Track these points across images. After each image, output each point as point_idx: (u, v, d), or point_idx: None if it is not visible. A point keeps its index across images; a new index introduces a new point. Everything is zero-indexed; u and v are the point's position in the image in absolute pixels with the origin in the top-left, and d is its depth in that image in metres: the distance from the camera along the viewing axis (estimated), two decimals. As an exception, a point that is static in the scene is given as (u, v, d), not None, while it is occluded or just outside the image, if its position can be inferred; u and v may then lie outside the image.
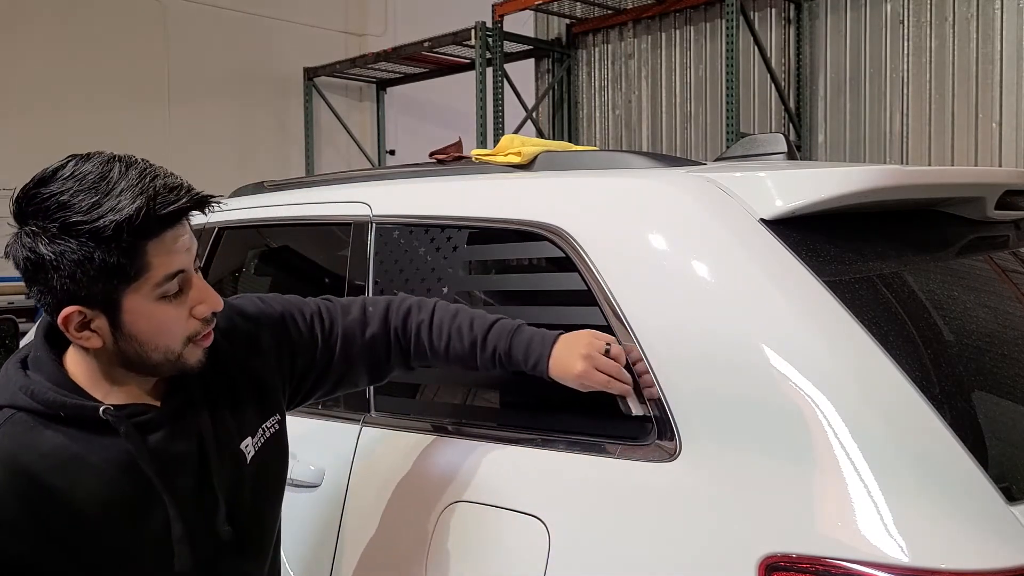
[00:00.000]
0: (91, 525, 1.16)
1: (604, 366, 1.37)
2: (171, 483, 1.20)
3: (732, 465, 1.26)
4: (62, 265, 1.10)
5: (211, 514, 1.25)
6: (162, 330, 1.18)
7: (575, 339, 1.40)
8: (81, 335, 1.15)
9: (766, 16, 5.78)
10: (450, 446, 1.62)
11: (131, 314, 1.15)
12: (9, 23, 6.55)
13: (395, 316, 1.50)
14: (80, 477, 1.15)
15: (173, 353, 1.20)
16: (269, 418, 1.36)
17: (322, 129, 8.32)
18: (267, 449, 1.35)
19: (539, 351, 1.41)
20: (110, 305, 1.14)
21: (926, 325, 1.42)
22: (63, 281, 1.11)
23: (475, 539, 1.49)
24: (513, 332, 1.44)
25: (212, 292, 1.23)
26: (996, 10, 4.85)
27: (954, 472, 1.18)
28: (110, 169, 1.12)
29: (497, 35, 6.32)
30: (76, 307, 1.13)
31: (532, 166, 1.92)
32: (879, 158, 5.30)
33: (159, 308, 1.16)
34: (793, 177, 1.44)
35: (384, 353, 1.49)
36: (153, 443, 1.20)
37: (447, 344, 1.47)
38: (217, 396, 1.28)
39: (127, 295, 1.14)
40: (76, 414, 1.16)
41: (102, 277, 1.11)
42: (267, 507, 1.37)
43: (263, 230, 2.31)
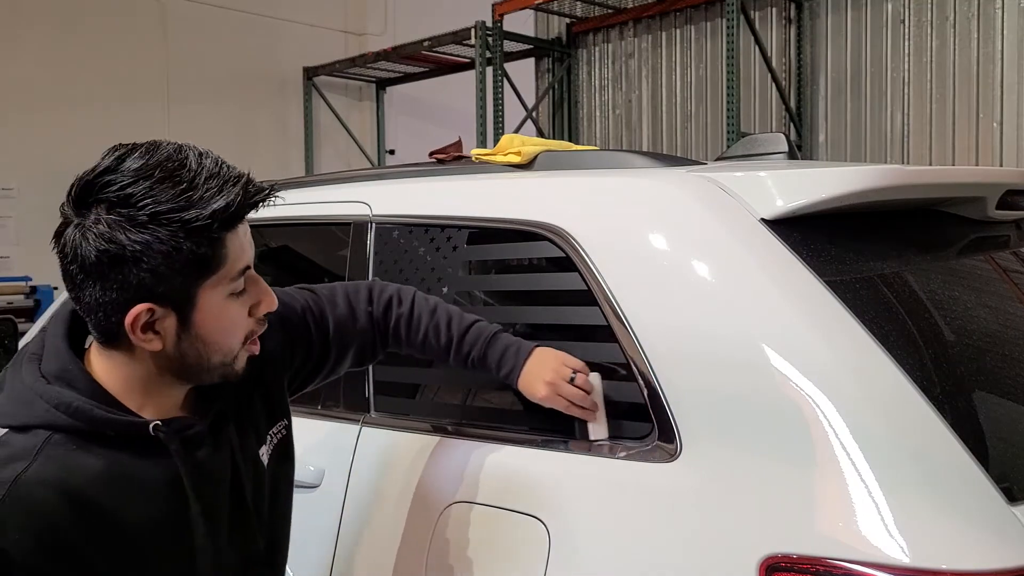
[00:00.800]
0: (144, 545, 1.11)
1: (566, 393, 1.40)
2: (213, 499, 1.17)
3: (732, 465, 1.26)
4: (146, 256, 1.03)
5: (244, 527, 1.22)
6: (227, 329, 1.13)
7: (545, 362, 1.43)
8: (144, 336, 1.08)
9: (767, 15, 5.77)
10: (450, 446, 1.61)
11: (203, 312, 1.10)
12: (9, 23, 6.55)
13: (377, 306, 1.50)
14: (131, 497, 1.09)
15: (231, 354, 1.15)
16: (277, 423, 1.33)
17: (322, 129, 8.31)
18: (277, 455, 1.32)
19: (511, 363, 1.45)
20: (185, 301, 1.08)
21: (927, 325, 1.42)
22: (142, 275, 1.04)
23: (475, 539, 1.49)
24: (489, 339, 1.47)
25: (270, 291, 1.19)
26: (997, 10, 4.85)
27: (954, 472, 1.18)
28: (186, 157, 1.07)
29: (497, 34, 6.32)
30: (148, 304, 1.06)
31: (532, 166, 1.92)
32: (880, 158, 5.30)
33: (228, 305, 1.12)
34: (794, 177, 1.44)
35: (369, 341, 1.50)
36: (199, 459, 1.15)
37: (423, 339, 1.49)
38: (239, 406, 1.25)
39: (204, 290, 1.09)
40: (125, 432, 1.10)
41: (186, 270, 1.06)
42: (284, 514, 1.35)
43: (262, 230, 2.31)
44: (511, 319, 1.68)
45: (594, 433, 1.44)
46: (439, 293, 1.73)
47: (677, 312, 1.37)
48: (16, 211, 6.35)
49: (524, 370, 1.44)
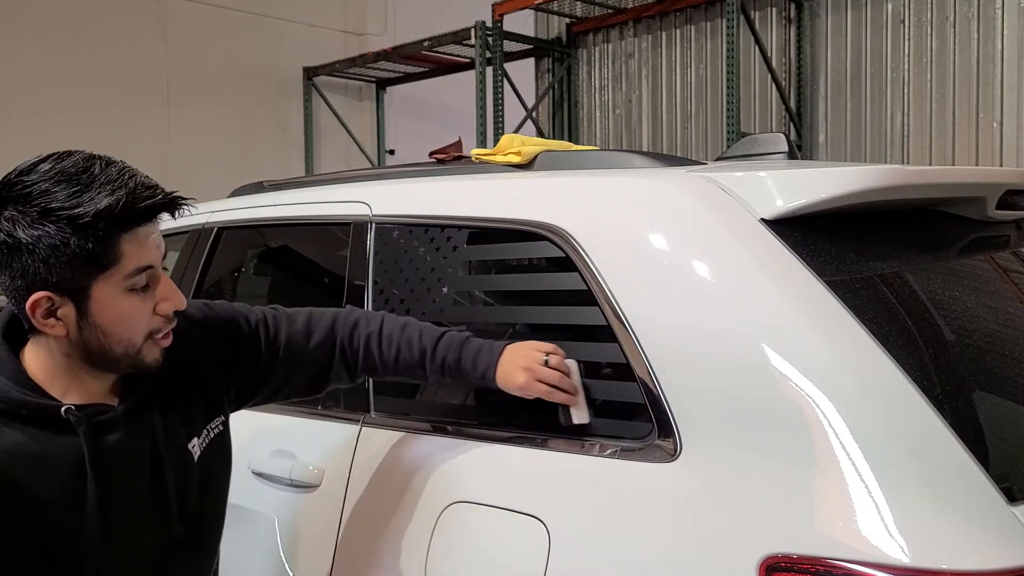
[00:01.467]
0: (51, 519, 1.20)
1: (544, 376, 1.42)
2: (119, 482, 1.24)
3: (732, 465, 1.26)
4: (38, 249, 1.15)
5: (165, 512, 1.30)
6: (126, 322, 1.22)
7: (518, 351, 1.46)
8: (47, 322, 1.19)
9: (767, 15, 5.77)
10: (450, 446, 1.61)
11: (98, 303, 1.19)
12: (9, 23, 6.55)
13: (342, 328, 1.53)
14: (41, 473, 1.19)
15: (134, 347, 1.24)
16: (213, 419, 1.39)
17: (322, 129, 8.32)
18: (212, 449, 1.39)
19: (487, 362, 1.47)
20: (79, 292, 1.18)
21: (927, 325, 1.42)
22: (36, 265, 1.15)
23: (475, 539, 1.49)
24: (462, 344, 1.50)
25: (177, 291, 1.27)
26: (997, 10, 4.85)
27: (954, 472, 1.18)
28: (91, 164, 1.18)
29: (497, 34, 6.32)
30: (46, 292, 1.17)
31: (532, 166, 1.91)
32: (880, 158, 5.30)
33: (126, 299, 1.21)
34: (794, 177, 1.44)
35: (327, 363, 1.53)
36: (111, 442, 1.24)
37: (396, 355, 1.51)
38: (167, 397, 1.32)
39: (97, 284, 1.18)
40: (38, 413, 1.20)
41: (75, 263, 1.16)
42: (214, 506, 1.41)
43: (263, 230, 2.31)
44: (511, 319, 1.68)
45: (577, 417, 1.44)
46: (439, 293, 1.73)
47: (677, 312, 1.37)
48: (16, 211, 6.34)
49: (500, 365, 1.46)
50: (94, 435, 1.22)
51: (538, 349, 1.45)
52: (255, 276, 2.37)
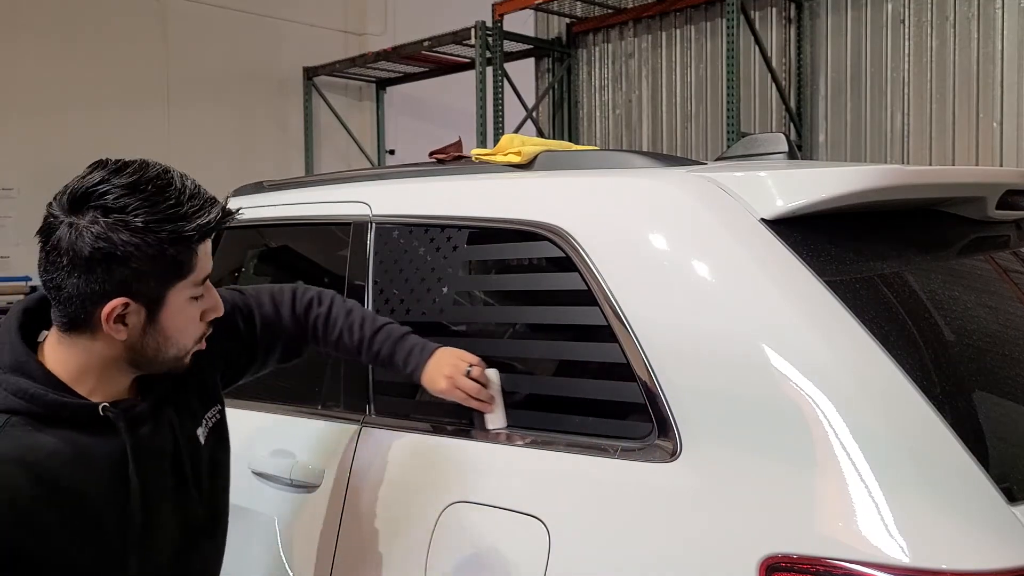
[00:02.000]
0: (95, 515, 1.23)
1: (463, 385, 1.54)
2: (154, 472, 1.30)
3: (732, 465, 1.26)
4: (134, 257, 1.18)
5: (187, 499, 1.37)
6: (185, 328, 1.29)
7: (445, 357, 1.58)
8: (114, 327, 1.22)
9: (767, 15, 5.77)
10: (450, 446, 1.62)
11: (170, 309, 1.25)
12: (9, 23, 6.55)
13: (299, 305, 1.64)
14: (84, 474, 1.22)
15: (185, 350, 1.31)
16: (211, 408, 1.46)
17: (322, 129, 8.31)
18: (213, 437, 1.45)
19: (415, 362, 1.59)
20: (156, 300, 1.24)
21: (927, 325, 1.42)
22: (126, 272, 1.19)
23: (475, 539, 1.49)
24: (397, 339, 1.62)
25: (219, 300, 1.35)
26: (997, 10, 4.85)
27: (955, 472, 1.18)
28: (172, 178, 1.23)
29: (497, 34, 6.32)
30: (124, 299, 1.20)
31: (532, 166, 1.91)
32: (880, 158, 5.30)
33: (190, 307, 1.29)
34: (794, 177, 1.44)
35: (292, 339, 1.64)
36: (142, 436, 1.29)
37: (338, 337, 1.63)
38: (174, 391, 1.38)
39: (172, 291, 1.25)
40: (78, 414, 1.23)
41: (164, 273, 1.22)
42: (221, 491, 1.49)
43: (263, 230, 2.31)
44: (511, 319, 1.68)
45: (491, 423, 1.57)
46: (439, 293, 1.73)
47: (677, 312, 1.37)
48: (16, 211, 6.35)
49: (426, 368, 1.58)
50: (130, 430, 1.27)
51: (463, 359, 1.56)
52: (255, 276, 2.37)
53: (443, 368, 1.56)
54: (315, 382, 1.96)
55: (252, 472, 1.92)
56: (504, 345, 1.67)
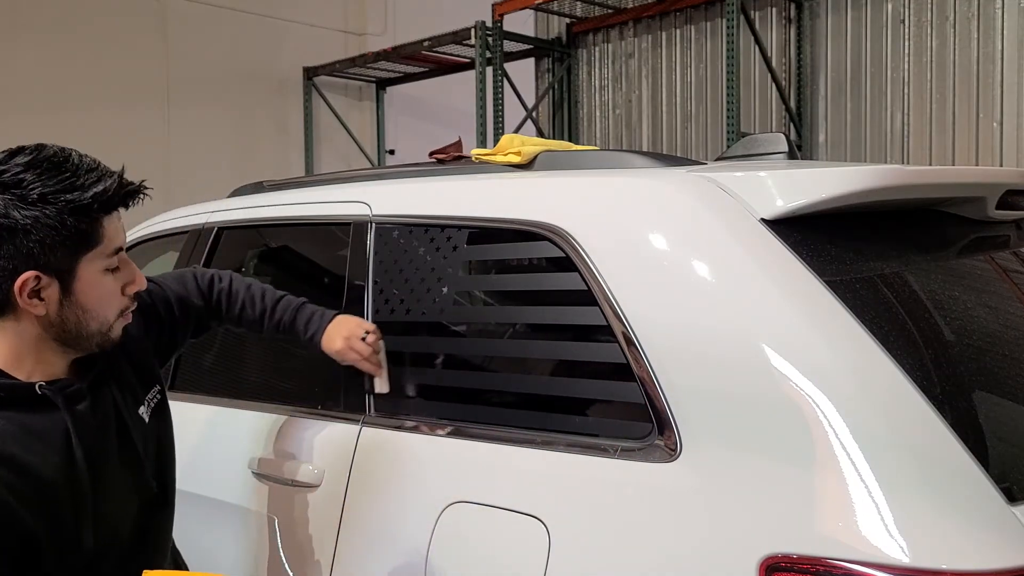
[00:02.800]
0: (49, 487, 1.27)
1: (358, 347, 1.67)
2: (97, 446, 1.34)
3: (732, 465, 1.26)
4: (34, 229, 1.23)
5: (139, 472, 1.42)
6: (103, 301, 1.32)
7: (343, 322, 1.71)
8: (31, 302, 1.26)
9: (767, 15, 5.77)
10: (450, 446, 1.62)
11: (82, 282, 1.29)
12: (9, 23, 6.55)
13: (202, 283, 1.73)
14: (34, 447, 1.27)
15: (107, 324, 1.34)
16: (151, 389, 1.51)
17: (322, 129, 8.31)
18: (156, 414, 1.51)
19: (316, 326, 1.71)
20: (67, 272, 1.27)
21: (927, 325, 1.42)
22: (30, 245, 1.23)
23: (475, 539, 1.49)
24: (298, 308, 1.74)
25: (140, 273, 1.39)
26: (997, 10, 4.85)
27: (954, 472, 1.18)
28: (69, 154, 1.28)
29: (497, 34, 6.32)
30: (35, 272, 1.25)
31: (532, 166, 1.91)
32: (880, 158, 5.30)
33: (104, 279, 1.32)
34: (794, 177, 1.44)
35: (204, 315, 1.73)
36: (82, 412, 1.34)
37: (240, 310, 1.74)
38: (114, 372, 1.44)
39: (82, 263, 1.28)
40: (14, 394, 1.29)
41: (68, 243, 1.25)
42: (169, 466, 1.54)
43: (263, 230, 2.31)
44: (511, 319, 1.68)
45: (379, 387, 1.72)
46: (439, 293, 1.73)
47: (677, 312, 1.37)
48: (16, 211, 6.34)
49: (326, 332, 1.69)
50: (69, 406, 1.32)
51: (360, 325, 1.69)
52: (255, 276, 2.37)
53: (341, 330, 1.68)
54: (315, 382, 1.96)
55: (252, 472, 1.92)
56: (504, 345, 1.67)
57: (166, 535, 1.54)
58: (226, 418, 2.05)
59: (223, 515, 1.97)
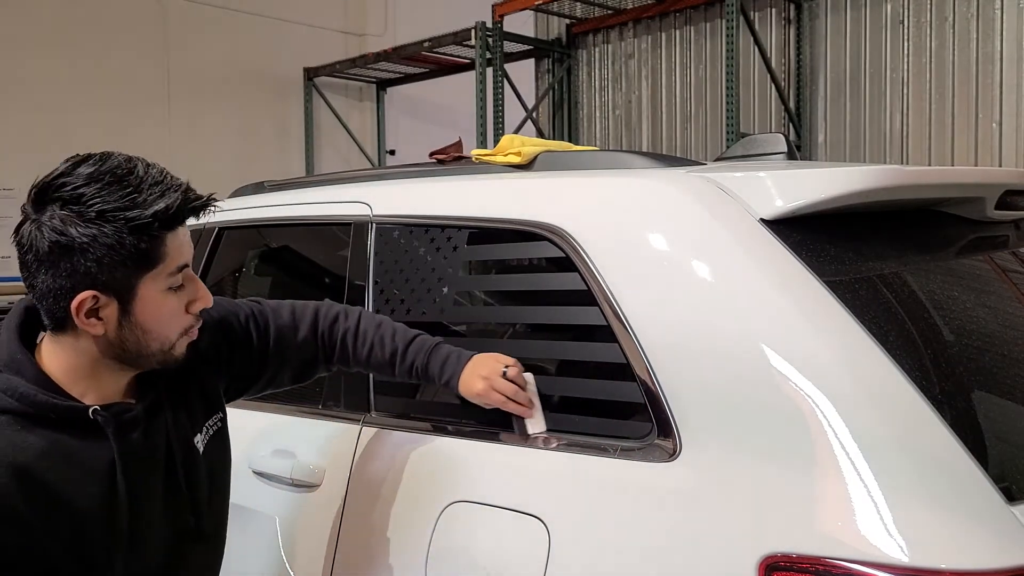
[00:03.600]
0: (85, 520, 1.22)
1: (500, 387, 1.50)
2: (144, 479, 1.28)
3: (732, 465, 1.27)
4: (92, 248, 1.17)
5: (178, 505, 1.34)
6: (164, 320, 1.26)
7: (481, 361, 1.54)
8: (88, 321, 1.21)
9: (766, 16, 5.77)
10: (450, 446, 1.62)
11: (143, 301, 1.23)
12: (9, 23, 6.55)
13: (323, 321, 1.61)
14: (71, 476, 1.21)
15: (169, 343, 1.28)
16: (212, 416, 1.44)
17: (322, 129, 8.31)
18: (213, 445, 1.43)
19: (452, 370, 1.55)
20: (126, 291, 1.21)
21: (926, 325, 1.42)
22: (88, 264, 1.17)
23: (475, 539, 1.49)
24: (431, 350, 1.58)
25: (206, 290, 1.32)
26: (996, 10, 4.85)
27: (954, 472, 1.18)
28: (134, 166, 1.21)
29: (497, 35, 6.32)
30: (93, 291, 1.19)
31: (532, 166, 1.92)
32: (879, 158, 5.30)
33: (166, 298, 1.25)
34: (793, 177, 1.44)
35: (311, 355, 1.60)
36: (133, 441, 1.27)
37: (369, 351, 1.59)
38: (173, 395, 1.37)
39: (143, 282, 1.22)
40: (66, 416, 1.22)
41: (127, 262, 1.19)
42: (220, 498, 1.46)
43: (263, 230, 2.31)
44: (511, 319, 1.68)
45: (532, 428, 1.52)
46: (439, 293, 1.73)
47: (677, 312, 1.37)
48: (16, 211, 6.29)
49: (463, 375, 1.54)
50: (120, 435, 1.25)
51: (499, 361, 1.52)
52: (256, 276, 2.38)
53: (480, 370, 1.52)
54: (316, 382, 1.96)
55: (252, 472, 1.93)
56: (504, 345, 1.67)
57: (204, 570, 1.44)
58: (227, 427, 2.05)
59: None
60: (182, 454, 1.35)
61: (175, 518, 1.34)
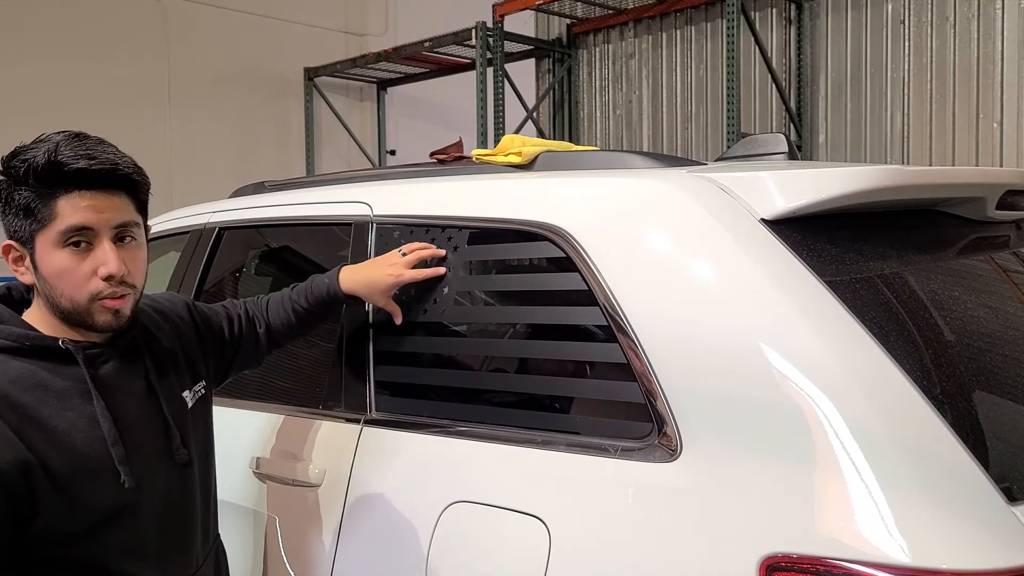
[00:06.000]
0: (59, 440, 1.30)
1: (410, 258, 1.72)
2: (119, 409, 1.36)
3: (732, 465, 1.27)
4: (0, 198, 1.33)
5: (166, 439, 1.43)
6: (63, 277, 1.32)
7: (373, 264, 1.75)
8: (18, 269, 1.36)
9: (767, 16, 5.78)
10: (450, 446, 1.62)
11: (40, 255, 1.32)
12: (10, 23, 6.56)
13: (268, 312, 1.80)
14: (47, 398, 1.31)
15: (80, 305, 1.34)
16: (196, 383, 1.55)
17: (322, 129, 8.32)
18: (199, 406, 1.54)
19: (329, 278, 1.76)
20: (27, 243, 1.33)
21: (927, 325, 1.42)
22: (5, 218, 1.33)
23: (475, 539, 1.49)
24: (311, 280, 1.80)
25: (114, 258, 1.33)
26: (997, 10, 4.85)
27: (954, 472, 1.18)
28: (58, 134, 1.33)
29: (498, 35, 6.33)
30: (10, 241, 1.34)
31: (533, 166, 1.92)
32: (880, 158, 5.30)
33: (62, 255, 1.32)
34: (794, 177, 1.44)
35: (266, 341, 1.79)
36: (106, 371, 1.37)
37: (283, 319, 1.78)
38: (156, 351, 1.48)
39: (38, 237, 1.32)
40: (39, 344, 1.33)
41: (20, 214, 1.31)
42: (208, 454, 1.57)
43: (264, 230, 2.31)
44: (511, 319, 1.68)
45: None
46: (440, 293, 1.73)
47: (677, 312, 1.37)
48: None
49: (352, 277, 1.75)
50: (90, 363, 1.36)
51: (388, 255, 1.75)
52: (256, 276, 2.38)
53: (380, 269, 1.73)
54: (316, 382, 1.96)
55: (253, 472, 1.93)
56: (505, 345, 1.67)
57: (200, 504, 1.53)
58: (227, 418, 2.05)
59: (224, 515, 1.97)
60: (165, 393, 1.44)
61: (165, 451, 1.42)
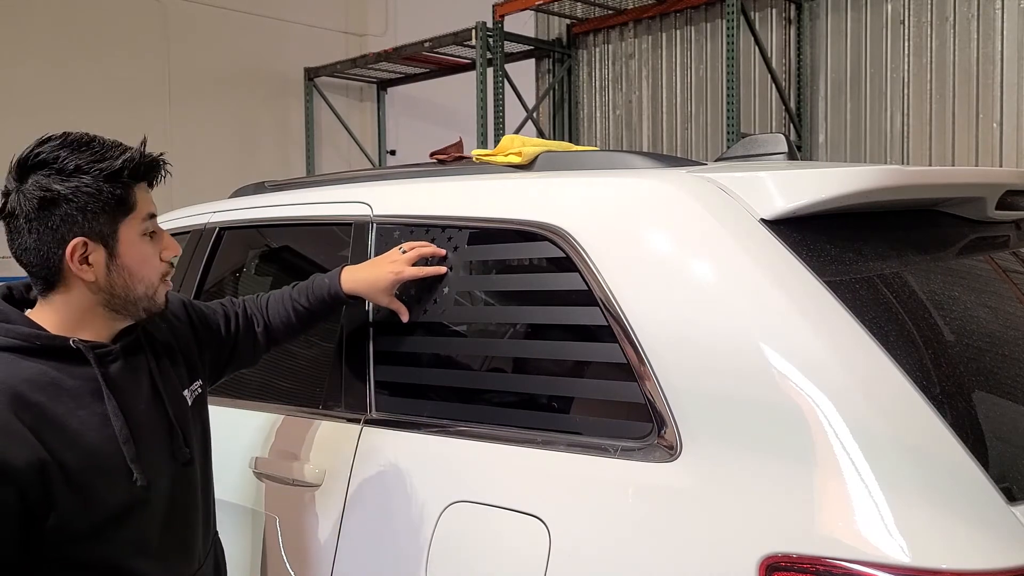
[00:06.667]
0: (73, 438, 1.32)
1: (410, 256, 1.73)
2: (129, 407, 1.39)
3: (732, 465, 1.27)
4: (75, 197, 1.32)
5: (169, 438, 1.46)
6: (145, 263, 1.41)
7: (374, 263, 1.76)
8: (81, 268, 1.35)
9: (767, 16, 5.78)
10: (450, 446, 1.62)
11: (124, 244, 1.38)
12: (9, 23, 6.55)
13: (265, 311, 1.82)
14: (59, 397, 1.33)
15: (152, 287, 1.42)
16: (194, 381, 1.58)
17: (323, 129, 8.32)
18: (197, 405, 1.58)
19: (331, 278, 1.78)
20: (110, 236, 1.36)
21: (926, 325, 1.42)
22: (74, 214, 1.33)
23: (475, 539, 1.49)
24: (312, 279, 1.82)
25: (172, 240, 1.47)
26: (997, 10, 4.85)
27: (954, 472, 1.19)
28: (94, 137, 1.38)
29: (498, 35, 6.32)
30: (82, 238, 1.34)
31: (533, 166, 1.92)
32: (880, 158, 5.30)
33: (143, 243, 1.41)
34: (794, 177, 1.44)
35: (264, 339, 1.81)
36: (114, 370, 1.40)
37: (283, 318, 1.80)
38: (158, 348, 1.52)
39: (122, 227, 1.37)
40: (49, 344, 1.35)
41: (107, 209, 1.35)
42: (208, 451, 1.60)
43: (264, 230, 2.31)
44: (511, 319, 1.68)
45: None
46: (440, 293, 1.73)
47: (677, 312, 1.37)
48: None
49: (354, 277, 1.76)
50: (100, 361, 1.38)
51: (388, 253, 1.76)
52: (256, 276, 2.38)
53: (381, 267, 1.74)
54: (316, 382, 1.96)
55: (252, 472, 1.93)
56: (504, 345, 1.67)
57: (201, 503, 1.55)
58: (227, 417, 2.06)
59: (224, 515, 1.97)
60: (168, 393, 1.47)
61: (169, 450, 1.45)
